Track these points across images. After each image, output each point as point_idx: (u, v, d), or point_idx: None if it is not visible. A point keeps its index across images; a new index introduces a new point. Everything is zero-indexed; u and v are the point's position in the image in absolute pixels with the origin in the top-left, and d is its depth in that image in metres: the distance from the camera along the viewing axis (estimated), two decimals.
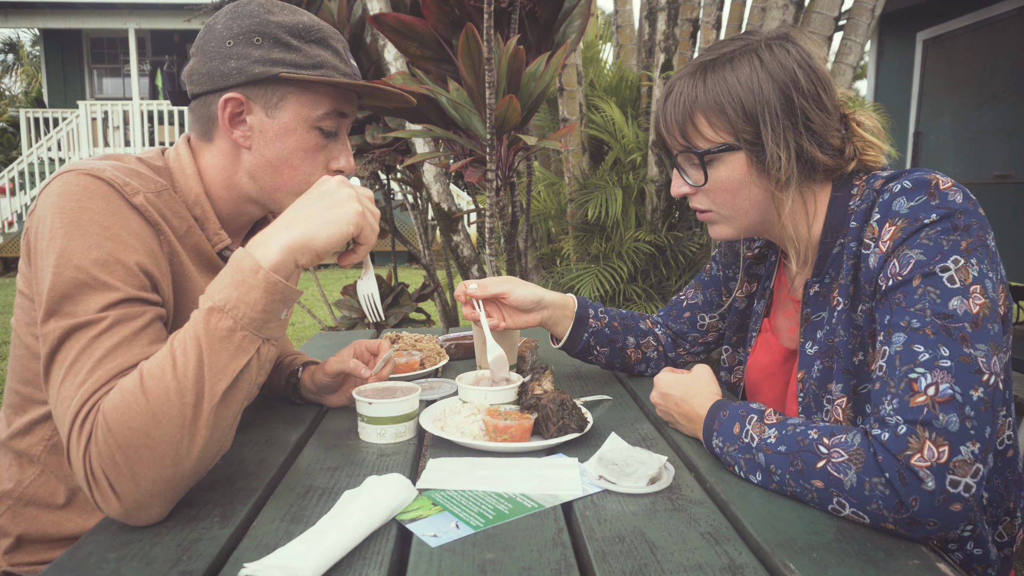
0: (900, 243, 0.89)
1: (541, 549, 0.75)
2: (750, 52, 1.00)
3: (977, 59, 5.72)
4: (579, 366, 1.53)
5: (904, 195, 0.91)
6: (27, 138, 12.58)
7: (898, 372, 0.83)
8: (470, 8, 2.12)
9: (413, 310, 3.42)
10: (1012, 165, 5.39)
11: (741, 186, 1.03)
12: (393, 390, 1.14)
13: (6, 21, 12.98)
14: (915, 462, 0.77)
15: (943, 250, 0.86)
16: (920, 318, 0.84)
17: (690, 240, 3.09)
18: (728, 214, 1.07)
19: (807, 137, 0.99)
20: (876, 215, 0.93)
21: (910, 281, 0.87)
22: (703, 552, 0.74)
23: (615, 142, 3.21)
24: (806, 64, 0.99)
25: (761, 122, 0.98)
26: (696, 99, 1.01)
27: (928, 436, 0.77)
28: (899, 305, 0.87)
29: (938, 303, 0.84)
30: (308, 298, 7.85)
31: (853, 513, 0.80)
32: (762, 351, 1.21)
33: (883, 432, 0.80)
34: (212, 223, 1.07)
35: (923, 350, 0.82)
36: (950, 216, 0.87)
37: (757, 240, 1.26)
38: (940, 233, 0.87)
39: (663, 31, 3.14)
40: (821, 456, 0.83)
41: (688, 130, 1.03)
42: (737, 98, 0.99)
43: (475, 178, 2.15)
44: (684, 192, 1.09)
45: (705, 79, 1.01)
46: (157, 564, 0.73)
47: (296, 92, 1.04)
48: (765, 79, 0.98)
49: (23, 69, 21.48)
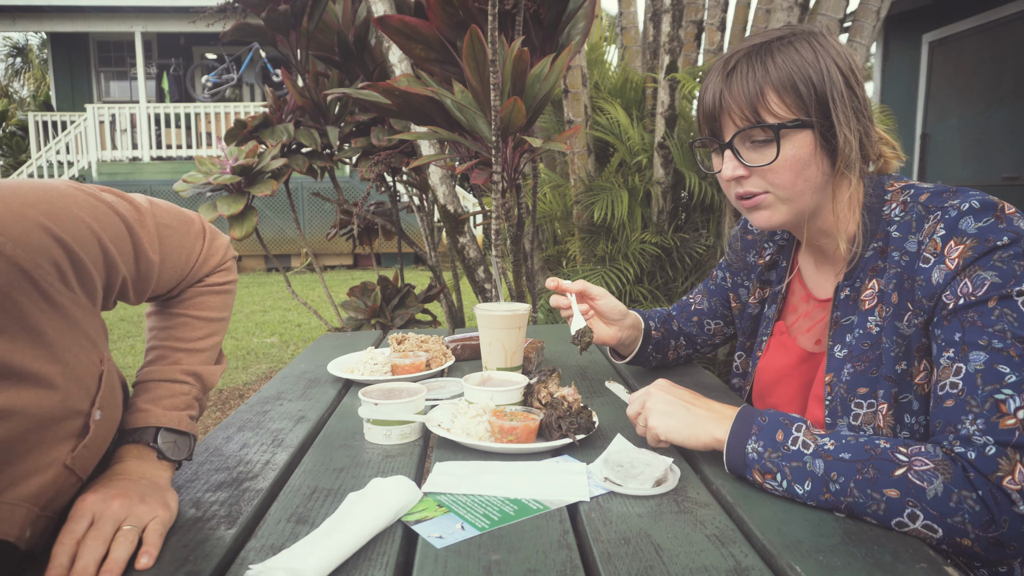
0: (971, 262, 0.89)
1: (547, 550, 0.75)
2: (809, 37, 1.01)
3: (984, 61, 5.70)
4: (583, 366, 1.53)
5: (972, 215, 0.92)
6: (35, 141, 12.65)
7: (981, 392, 0.83)
8: (474, 10, 2.12)
9: (419, 311, 3.42)
10: (1021, 167, 5.37)
11: (806, 166, 1.00)
12: (399, 391, 1.14)
13: (14, 25, 13.05)
14: (1007, 484, 0.77)
15: (1016, 274, 0.87)
16: (1001, 339, 0.84)
17: (696, 242, 3.08)
18: (786, 196, 1.03)
19: (862, 120, 1.00)
20: (940, 231, 0.93)
21: (986, 302, 0.87)
22: (709, 554, 0.74)
23: (620, 144, 3.21)
24: (847, 57, 1.01)
25: (831, 102, 0.98)
26: (768, 75, 0.99)
27: (1020, 459, 0.78)
28: (974, 324, 0.87)
29: (1016, 326, 0.84)
30: (315, 299, 7.87)
31: (925, 526, 0.78)
32: (777, 353, 1.21)
33: (969, 451, 0.80)
34: None
35: (1009, 371, 0.82)
36: (1019, 242, 0.88)
37: (769, 248, 1.26)
38: (1013, 257, 0.88)
39: (667, 33, 3.14)
40: (900, 464, 0.81)
41: (758, 106, 0.99)
42: (807, 77, 0.98)
43: (481, 180, 2.15)
44: (738, 175, 1.04)
45: (773, 57, 0.99)
46: (164, 564, 0.73)
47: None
48: (830, 62, 0.99)
49: (31, 73, 21.59)
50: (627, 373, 1.48)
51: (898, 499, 0.79)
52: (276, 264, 3.54)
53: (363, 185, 10.93)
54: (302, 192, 11.44)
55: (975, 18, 5.70)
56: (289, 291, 3.76)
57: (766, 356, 1.22)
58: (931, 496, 0.78)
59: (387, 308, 3.35)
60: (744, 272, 1.32)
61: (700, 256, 3.11)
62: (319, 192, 4.09)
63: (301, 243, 11.45)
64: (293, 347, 5.73)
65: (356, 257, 12.08)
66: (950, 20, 5.96)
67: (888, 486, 0.80)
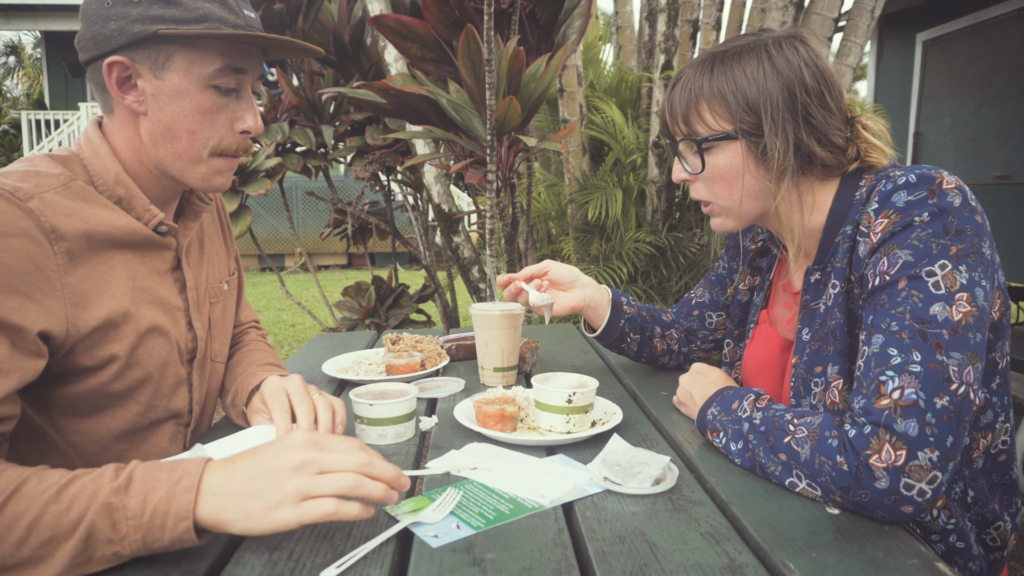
0: (889, 237, 0.90)
1: (542, 549, 0.75)
2: (759, 47, 1.02)
3: (977, 60, 5.72)
4: (577, 365, 1.53)
5: (906, 188, 0.91)
6: (29, 140, 12.59)
7: (871, 373, 0.86)
8: (470, 9, 2.12)
9: (414, 311, 3.42)
10: (1012, 166, 5.40)
11: (737, 175, 1.04)
12: (391, 391, 1.14)
13: (7, 23, 12.99)
14: (873, 462, 0.81)
15: (931, 253, 0.87)
16: (899, 321, 0.86)
17: (690, 241, 3.09)
18: (726, 204, 1.08)
19: (806, 131, 1.00)
20: (875, 204, 0.94)
21: (896, 283, 0.88)
22: (703, 552, 0.74)
23: (615, 143, 3.22)
24: (813, 63, 1.01)
25: (763, 112, 1.00)
26: (701, 88, 1.03)
27: (888, 439, 0.81)
28: (882, 306, 0.89)
29: (919, 307, 0.85)
30: (309, 299, 7.86)
31: (808, 485, 0.86)
32: (759, 342, 1.23)
33: (851, 429, 0.84)
34: (140, 200, 1.02)
35: (896, 353, 0.84)
36: (942, 217, 0.88)
37: (761, 233, 1.27)
38: (931, 235, 0.87)
39: (663, 32, 3.14)
40: (788, 432, 0.90)
41: (691, 117, 1.05)
42: (741, 89, 1.00)
43: (475, 179, 2.15)
44: (683, 178, 1.11)
45: (712, 69, 1.03)
46: (160, 564, 0.74)
47: (182, 50, 0.97)
48: (771, 73, 1.00)
49: (24, 71, 21.49)
50: (625, 376, 1.48)
51: (786, 462, 0.89)
52: (270, 264, 3.54)
53: (357, 184, 10.91)
54: (296, 191, 11.42)
55: (968, 17, 5.72)
56: (283, 291, 3.76)
57: (751, 345, 1.25)
58: (803, 459, 0.87)
59: (381, 308, 3.35)
60: (737, 257, 1.33)
61: (694, 255, 3.12)
62: (313, 191, 4.09)
63: (295, 242, 11.43)
64: (287, 347, 5.72)
65: (350, 257, 12.07)
66: (944, 19, 5.99)
67: (780, 451, 0.90)
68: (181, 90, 0.98)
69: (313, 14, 2.94)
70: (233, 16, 1.00)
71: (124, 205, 1.01)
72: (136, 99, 0.99)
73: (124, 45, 0.96)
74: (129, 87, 0.99)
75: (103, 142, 1.02)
